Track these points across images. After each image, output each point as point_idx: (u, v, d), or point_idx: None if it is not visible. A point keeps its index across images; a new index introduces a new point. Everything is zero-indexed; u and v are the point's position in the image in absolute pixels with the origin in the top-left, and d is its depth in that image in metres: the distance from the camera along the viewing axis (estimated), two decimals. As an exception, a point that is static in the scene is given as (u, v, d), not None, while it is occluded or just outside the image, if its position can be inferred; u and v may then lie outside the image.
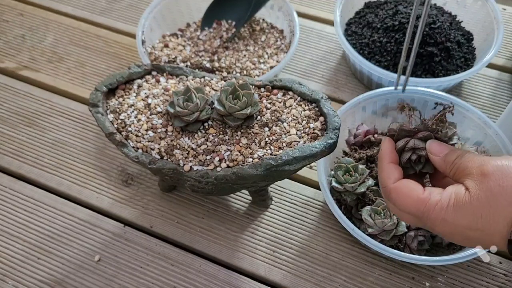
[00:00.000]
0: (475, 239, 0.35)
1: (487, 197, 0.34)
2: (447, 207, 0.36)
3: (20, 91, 0.72)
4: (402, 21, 0.68)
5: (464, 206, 0.35)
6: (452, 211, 0.35)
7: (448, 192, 0.36)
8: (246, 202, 0.60)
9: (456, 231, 0.36)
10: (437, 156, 0.40)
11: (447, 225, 0.36)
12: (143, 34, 0.69)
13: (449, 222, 0.36)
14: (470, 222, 0.35)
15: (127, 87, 0.54)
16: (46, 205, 0.60)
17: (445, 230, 0.36)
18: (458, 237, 0.36)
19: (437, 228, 0.37)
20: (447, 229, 0.36)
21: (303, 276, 0.54)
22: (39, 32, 0.79)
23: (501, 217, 0.33)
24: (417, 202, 0.37)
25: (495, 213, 0.33)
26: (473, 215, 0.34)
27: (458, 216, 0.35)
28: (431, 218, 0.36)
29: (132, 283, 0.54)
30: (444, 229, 0.36)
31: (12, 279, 0.54)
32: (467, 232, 0.35)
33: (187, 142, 0.49)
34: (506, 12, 0.81)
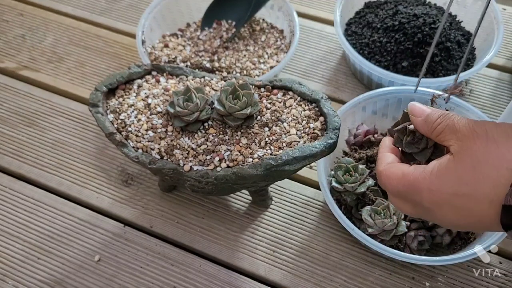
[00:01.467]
0: (463, 207, 0.33)
1: (472, 160, 0.32)
2: (430, 175, 0.34)
3: (20, 91, 0.72)
4: (402, 21, 0.68)
5: (447, 172, 0.33)
6: (435, 178, 0.34)
7: (431, 163, 0.35)
8: (246, 202, 0.60)
9: (443, 200, 0.34)
10: (418, 117, 0.38)
11: (433, 195, 0.34)
12: (143, 34, 0.69)
13: (434, 191, 0.34)
14: (455, 187, 0.33)
15: (127, 87, 0.54)
16: (46, 205, 0.60)
17: (433, 201, 0.34)
18: (446, 209, 0.34)
19: (425, 202, 0.35)
20: (435, 200, 0.34)
21: (303, 276, 0.54)
22: (39, 32, 0.79)
23: (487, 180, 0.32)
24: (402, 177, 0.36)
25: (479, 177, 0.32)
26: (457, 180, 0.33)
27: (442, 182, 0.34)
28: (418, 191, 0.35)
29: (132, 283, 0.54)
30: (432, 200, 0.34)
31: (12, 279, 0.54)
32: (453, 200, 0.33)
33: (187, 142, 0.49)
34: (506, 12, 0.81)
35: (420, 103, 0.39)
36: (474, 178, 0.32)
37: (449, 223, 0.35)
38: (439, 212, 0.35)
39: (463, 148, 0.33)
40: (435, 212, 0.35)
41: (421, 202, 0.35)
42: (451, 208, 0.34)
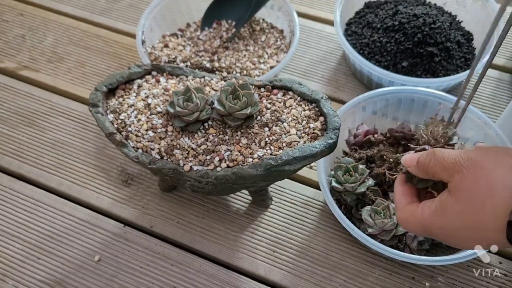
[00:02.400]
0: (472, 238, 0.35)
1: (466, 194, 0.34)
2: (435, 214, 0.36)
3: (20, 91, 0.72)
4: (402, 21, 0.68)
5: (448, 209, 0.35)
6: (440, 217, 0.36)
7: (434, 202, 0.37)
8: (246, 202, 0.60)
9: (453, 234, 0.36)
10: (410, 167, 0.40)
11: (443, 231, 0.36)
12: (143, 34, 0.69)
13: (443, 228, 0.36)
14: (459, 222, 0.35)
15: (127, 87, 0.54)
16: (46, 205, 0.60)
17: (444, 235, 0.37)
18: (458, 240, 0.36)
19: (439, 236, 0.37)
20: (446, 234, 0.36)
21: (303, 276, 0.54)
22: (39, 32, 0.79)
23: (484, 208, 0.33)
24: (416, 220, 0.38)
25: (477, 207, 0.33)
26: (459, 215, 0.35)
27: (447, 219, 0.36)
28: (430, 229, 0.37)
29: (132, 283, 0.54)
30: (444, 234, 0.37)
31: (12, 279, 0.54)
32: (461, 233, 0.35)
33: (187, 142, 0.49)
34: (506, 12, 0.80)
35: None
36: (472, 209, 0.34)
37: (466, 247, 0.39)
38: (454, 241, 0.37)
39: (455, 183, 0.35)
40: (452, 241, 0.37)
41: (437, 236, 0.38)
42: (461, 239, 0.36)
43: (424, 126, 0.45)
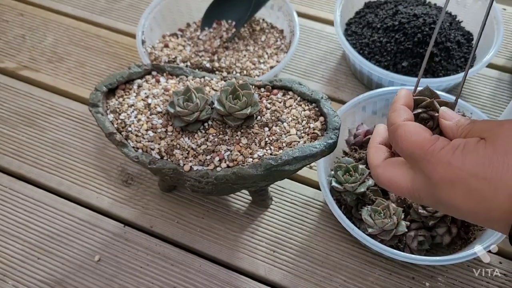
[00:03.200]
0: (477, 191, 0.31)
1: (505, 147, 0.30)
2: (455, 150, 0.32)
3: (20, 91, 0.72)
4: (402, 21, 0.68)
5: (475, 151, 0.31)
6: (460, 154, 0.32)
7: (457, 140, 0.33)
8: (246, 202, 0.60)
9: (458, 179, 0.31)
10: (449, 121, 0.35)
11: (450, 169, 0.32)
12: (143, 34, 0.69)
13: (453, 166, 0.32)
14: (479, 168, 0.31)
15: (127, 87, 0.54)
16: (46, 205, 0.60)
17: (446, 176, 0.32)
18: (458, 189, 0.32)
19: (437, 173, 0.32)
20: (449, 175, 0.32)
21: (303, 276, 0.54)
22: (39, 32, 0.79)
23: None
24: (424, 140, 0.34)
25: (509, 165, 0.30)
26: (483, 161, 0.31)
27: (467, 160, 0.31)
28: (434, 159, 0.32)
29: (132, 283, 0.54)
30: (446, 174, 0.32)
31: (12, 279, 0.54)
32: (471, 181, 0.31)
33: (187, 142, 0.49)
34: (506, 12, 0.81)
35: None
36: (503, 164, 0.30)
37: (451, 205, 0.33)
38: (447, 191, 0.32)
39: (496, 134, 0.31)
40: (441, 190, 0.33)
41: (431, 174, 0.33)
42: (463, 189, 0.31)
43: None
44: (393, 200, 0.54)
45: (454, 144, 0.32)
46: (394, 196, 0.55)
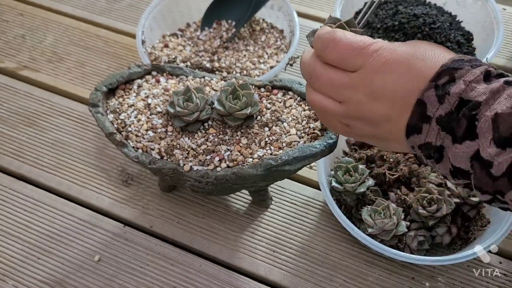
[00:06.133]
0: (417, 70, 0.34)
1: (426, 43, 0.36)
2: (392, 44, 0.36)
3: (20, 91, 0.72)
4: (402, 21, 0.68)
5: (403, 43, 0.36)
6: (399, 44, 0.36)
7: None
8: (246, 202, 0.60)
9: (401, 60, 0.35)
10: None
11: (395, 53, 0.35)
12: (143, 34, 0.69)
13: (396, 51, 0.35)
14: (417, 51, 0.35)
15: (127, 87, 0.54)
16: (46, 205, 0.60)
17: (390, 59, 0.35)
18: (402, 68, 0.35)
19: (383, 57, 0.35)
20: (395, 57, 0.35)
21: (303, 276, 0.54)
22: (39, 32, 0.79)
23: (436, 57, 0.34)
24: (364, 38, 0.37)
25: (432, 51, 0.35)
26: (419, 47, 0.35)
27: (400, 45, 0.36)
28: (378, 47, 0.36)
29: (132, 283, 0.54)
30: (392, 57, 0.35)
31: (12, 279, 0.54)
32: (412, 61, 0.34)
33: (187, 142, 0.49)
34: (506, 12, 0.81)
35: None
36: (430, 50, 0.35)
37: (385, 89, 0.36)
38: (386, 75, 0.35)
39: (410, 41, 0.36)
40: (379, 75, 0.36)
41: (364, 65, 0.36)
42: (406, 68, 0.35)
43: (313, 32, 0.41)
44: (393, 200, 0.54)
45: (389, 42, 0.37)
46: (394, 196, 0.55)
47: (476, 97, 0.32)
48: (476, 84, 0.32)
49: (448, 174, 0.35)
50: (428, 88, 0.33)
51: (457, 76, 0.33)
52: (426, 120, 0.33)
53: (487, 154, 0.31)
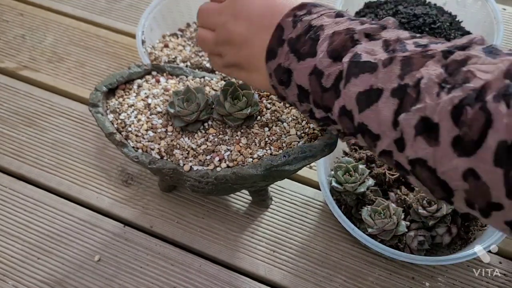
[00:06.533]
0: (282, 1, 0.38)
1: None
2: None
3: (20, 91, 0.72)
4: (402, 21, 0.68)
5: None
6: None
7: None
8: (246, 202, 0.60)
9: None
10: None
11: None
12: (143, 34, 0.69)
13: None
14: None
15: (127, 87, 0.54)
16: (46, 205, 0.60)
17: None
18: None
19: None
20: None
21: (303, 276, 0.54)
22: (39, 32, 0.79)
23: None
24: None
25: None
26: None
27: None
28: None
29: (132, 283, 0.54)
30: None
31: (12, 279, 0.54)
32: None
33: (187, 142, 0.49)
34: (506, 12, 0.81)
35: None
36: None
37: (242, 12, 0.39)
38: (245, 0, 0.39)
39: None
40: (238, 1, 0.40)
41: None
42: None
43: None
44: (393, 200, 0.54)
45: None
46: (394, 196, 0.55)
47: (322, 23, 0.36)
48: (325, 17, 0.36)
49: (296, 101, 0.38)
50: (288, 15, 0.37)
51: (313, 11, 0.37)
52: (281, 44, 0.37)
53: (320, 64, 0.34)
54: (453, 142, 0.28)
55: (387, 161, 0.33)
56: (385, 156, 0.33)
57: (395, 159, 0.32)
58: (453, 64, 0.29)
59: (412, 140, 0.30)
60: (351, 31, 0.34)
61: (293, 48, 0.36)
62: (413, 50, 0.31)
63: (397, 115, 0.30)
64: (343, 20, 0.36)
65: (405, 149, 0.30)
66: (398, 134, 0.31)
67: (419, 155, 0.30)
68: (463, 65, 0.29)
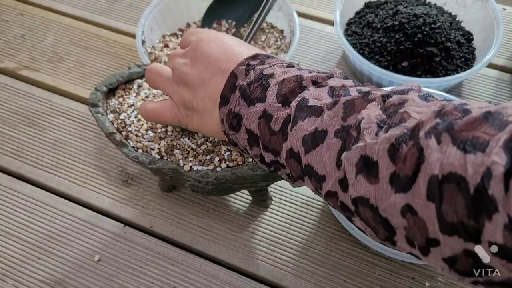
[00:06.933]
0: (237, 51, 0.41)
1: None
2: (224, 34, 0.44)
3: (20, 91, 0.72)
4: (402, 21, 0.68)
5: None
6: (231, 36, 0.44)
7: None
8: (246, 202, 0.60)
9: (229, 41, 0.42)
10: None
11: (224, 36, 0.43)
12: (143, 34, 0.69)
13: (227, 36, 0.43)
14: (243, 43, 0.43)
15: (127, 87, 0.54)
16: (46, 205, 0.60)
17: (220, 38, 0.42)
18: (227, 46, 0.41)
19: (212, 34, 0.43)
20: (223, 38, 0.42)
21: (303, 276, 0.54)
22: (39, 32, 0.79)
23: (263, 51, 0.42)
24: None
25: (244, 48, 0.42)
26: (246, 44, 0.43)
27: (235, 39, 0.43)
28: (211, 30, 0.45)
29: (132, 283, 0.54)
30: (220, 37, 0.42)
31: (12, 279, 0.54)
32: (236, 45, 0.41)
33: (187, 142, 0.49)
34: (506, 12, 0.81)
35: None
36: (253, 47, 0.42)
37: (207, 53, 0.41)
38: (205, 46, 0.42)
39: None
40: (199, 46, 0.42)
41: (198, 38, 0.43)
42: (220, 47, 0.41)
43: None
44: None
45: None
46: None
47: (273, 72, 0.37)
48: (277, 67, 0.38)
49: (247, 145, 0.39)
50: (242, 64, 0.39)
51: (266, 62, 0.39)
52: (233, 90, 0.38)
53: (270, 108, 0.36)
54: (390, 179, 0.28)
55: (332, 203, 0.34)
56: (330, 198, 0.34)
57: (340, 200, 0.33)
58: (391, 107, 0.31)
59: (354, 178, 0.30)
60: (299, 78, 0.36)
61: (244, 94, 0.38)
62: (356, 95, 0.33)
63: (340, 155, 0.32)
64: (293, 70, 0.38)
65: (348, 188, 0.31)
66: (342, 174, 0.32)
67: (361, 193, 0.30)
68: (400, 107, 0.31)
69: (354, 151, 0.30)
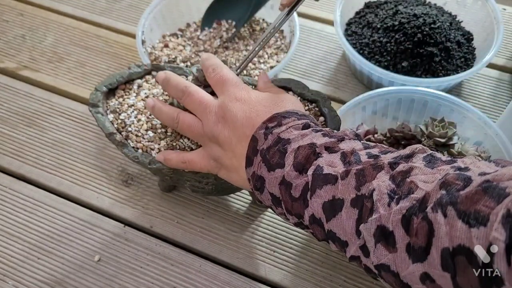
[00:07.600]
0: (258, 112, 0.43)
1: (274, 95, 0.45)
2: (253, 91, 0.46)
3: (20, 91, 0.72)
4: (402, 21, 0.68)
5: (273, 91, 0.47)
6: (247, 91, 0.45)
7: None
8: (246, 202, 0.60)
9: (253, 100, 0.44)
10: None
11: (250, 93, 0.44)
12: (143, 34, 0.69)
13: (253, 92, 0.45)
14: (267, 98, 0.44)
15: (127, 87, 0.54)
16: (46, 205, 0.60)
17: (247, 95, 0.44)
18: (251, 106, 0.43)
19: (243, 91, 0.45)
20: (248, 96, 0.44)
21: (303, 276, 0.54)
22: (39, 32, 0.79)
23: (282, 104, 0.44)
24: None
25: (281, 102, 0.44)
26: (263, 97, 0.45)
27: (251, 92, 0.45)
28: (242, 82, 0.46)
29: (132, 283, 0.54)
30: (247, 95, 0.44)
31: (12, 279, 0.54)
32: (258, 104, 0.43)
33: (186, 142, 0.49)
34: (506, 12, 0.81)
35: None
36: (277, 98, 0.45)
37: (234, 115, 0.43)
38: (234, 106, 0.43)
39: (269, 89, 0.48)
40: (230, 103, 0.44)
41: (228, 92, 0.45)
42: (246, 107, 0.43)
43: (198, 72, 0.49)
44: None
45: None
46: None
47: (289, 137, 0.39)
48: (293, 129, 0.40)
49: (272, 205, 0.41)
50: (261, 128, 0.41)
51: (283, 123, 0.41)
52: (255, 153, 0.41)
53: (288, 176, 0.38)
54: (407, 249, 0.31)
55: (358, 265, 0.36)
56: (355, 261, 0.36)
57: (364, 264, 0.35)
58: (399, 176, 0.33)
59: (374, 247, 0.33)
60: (313, 146, 0.38)
61: (264, 158, 0.40)
62: (366, 161, 0.36)
63: (358, 225, 0.34)
64: (308, 132, 0.40)
65: (370, 255, 0.34)
66: (362, 241, 0.34)
67: (381, 261, 0.33)
68: (407, 176, 0.33)
69: (370, 223, 0.33)
